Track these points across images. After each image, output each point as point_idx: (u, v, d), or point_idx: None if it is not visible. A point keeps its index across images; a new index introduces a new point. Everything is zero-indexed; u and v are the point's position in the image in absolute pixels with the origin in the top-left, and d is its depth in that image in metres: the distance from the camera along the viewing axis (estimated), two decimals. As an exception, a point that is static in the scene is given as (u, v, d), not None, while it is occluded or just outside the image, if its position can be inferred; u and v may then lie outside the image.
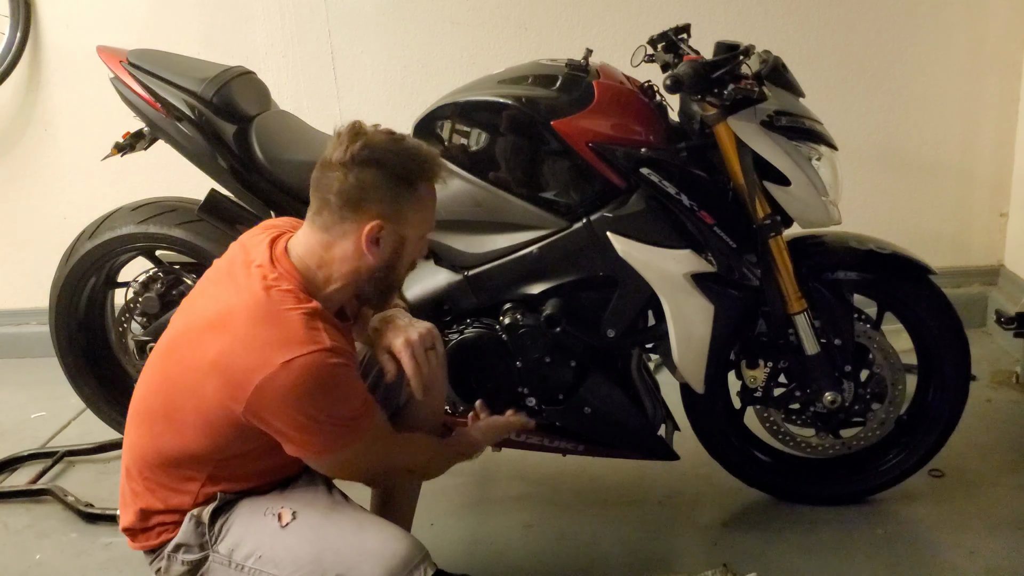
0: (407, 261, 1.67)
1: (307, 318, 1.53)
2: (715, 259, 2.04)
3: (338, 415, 1.54)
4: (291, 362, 1.48)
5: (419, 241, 1.67)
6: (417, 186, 1.60)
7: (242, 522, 1.64)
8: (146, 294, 2.46)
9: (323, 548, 1.58)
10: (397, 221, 1.59)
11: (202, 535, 1.64)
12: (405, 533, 1.64)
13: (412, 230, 1.63)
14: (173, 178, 2.72)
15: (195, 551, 1.65)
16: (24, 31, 3.26)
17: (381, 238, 1.59)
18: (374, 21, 3.21)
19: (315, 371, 1.49)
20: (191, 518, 1.65)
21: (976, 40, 3.12)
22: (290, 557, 1.59)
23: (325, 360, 1.50)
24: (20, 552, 2.34)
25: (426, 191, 1.62)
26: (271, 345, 1.49)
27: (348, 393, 1.55)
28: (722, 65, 1.91)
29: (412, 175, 1.59)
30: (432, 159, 1.62)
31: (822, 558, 2.13)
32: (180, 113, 2.26)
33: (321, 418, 1.52)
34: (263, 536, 1.62)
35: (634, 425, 2.18)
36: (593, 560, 2.18)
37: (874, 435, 2.23)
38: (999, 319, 2.82)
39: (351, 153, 1.54)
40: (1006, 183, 3.24)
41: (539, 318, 2.06)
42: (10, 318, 3.59)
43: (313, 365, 1.49)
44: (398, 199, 1.58)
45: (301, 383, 1.48)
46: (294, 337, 1.50)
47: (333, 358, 1.51)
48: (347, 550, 1.57)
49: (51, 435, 2.95)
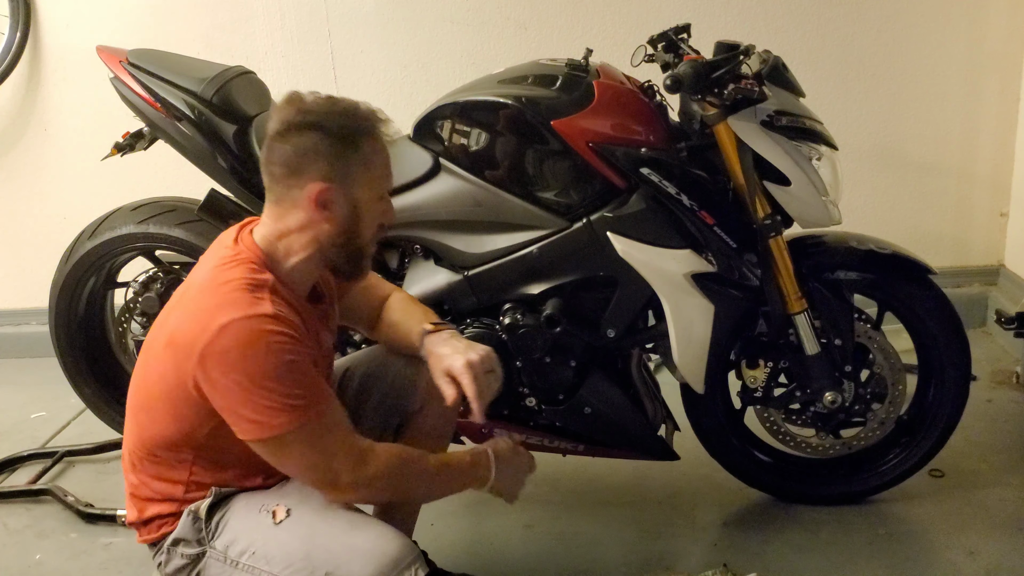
0: (368, 224, 1.61)
1: (251, 286, 1.52)
2: (715, 259, 2.04)
3: (273, 389, 1.46)
4: (228, 325, 1.46)
5: (377, 202, 1.60)
6: (360, 144, 1.55)
7: (238, 518, 1.64)
8: (146, 294, 2.46)
9: (314, 546, 1.57)
10: (344, 182, 1.55)
11: (199, 530, 1.64)
12: (397, 533, 1.60)
13: (363, 191, 1.57)
14: (173, 178, 2.72)
15: (193, 546, 1.65)
16: (24, 31, 3.26)
17: (331, 201, 1.55)
18: (374, 21, 3.21)
19: (249, 335, 1.46)
20: (189, 513, 1.65)
21: (976, 40, 3.12)
22: (282, 554, 1.58)
23: (262, 326, 1.46)
24: (20, 552, 2.34)
25: (371, 148, 1.56)
26: (212, 310, 1.48)
27: (286, 367, 1.48)
28: (722, 65, 1.91)
29: (352, 133, 1.54)
30: (371, 116, 1.57)
31: (822, 558, 2.13)
32: (180, 113, 2.26)
33: (252, 388, 1.46)
34: (257, 533, 1.61)
35: (634, 425, 2.18)
36: (593, 560, 2.18)
37: (874, 435, 2.23)
38: (999, 319, 2.82)
39: (286, 121, 1.53)
40: (1006, 183, 3.24)
41: (539, 318, 2.06)
42: (10, 318, 3.59)
43: (248, 329, 1.46)
44: (341, 159, 1.54)
45: (235, 347, 1.45)
46: (234, 301, 1.49)
47: (271, 324, 1.47)
48: (338, 548, 1.56)
49: (51, 435, 2.95)
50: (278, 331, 1.48)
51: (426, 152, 2.13)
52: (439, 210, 2.11)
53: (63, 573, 2.26)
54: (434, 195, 2.11)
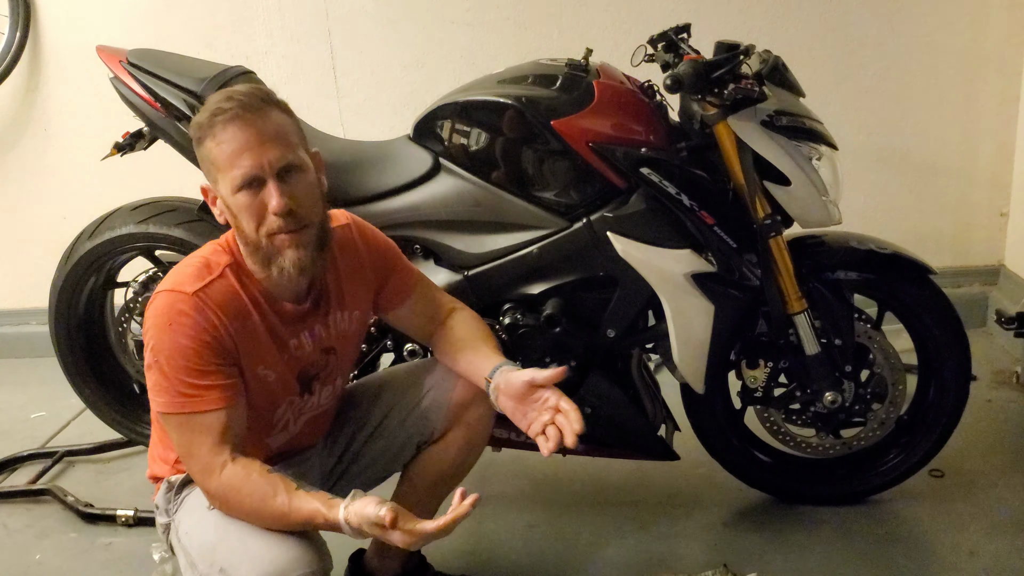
0: (245, 219, 1.53)
1: (202, 265, 1.57)
2: (715, 259, 2.04)
3: (163, 367, 1.52)
4: (159, 293, 1.55)
5: (237, 196, 1.52)
6: (203, 144, 1.53)
7: (193, 497, 1.64)
8: (146, 294, 2.46)
9: (222, 540, 1.55)
10: (211, 181, 1.57)
11: (168, 501, 1.68)
12: (301, 543, 1.50)
13: (223, 187, 1.54)
14: (173, 178, 2.72)
15: (163, 515, 1.70)
16: (24, 31, 3.26)
17: (214, 200, 1.59)
18: (374, 21, 3.21)
19: (162, 307, 1.53)
20: (167, 483, 1.68)
21: (976, 40, 3.11)
22: (199, 541, 1.59)
23: (174, 302, 1.52)
24: (20, 552, 2.34)
25: (213, 143, 1.51)
26: (163, 280, 1.58)
27: (178, 350, 1.50)
28: (722, 65, 1.91)
29: (195, 130, 1.54)
30: (216, 109, 1.50)
31: (822, 558, 2.13)
32: (180, 113, 2.26)
33: (151, 359, 1.53)
34: (195, 515, 1.62)
35: (634, 425, 2.18)
36: (593, 560, 2.18)
37: (874, 435, 2.23)
38: (999, 319, 2.82)
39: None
40: (1006, 183, 3.24)
41: (539, 318, 2.06)
42: (10, 318, 3.59)
43: (165, 302, 1.53)
44: (201, 163, 1.56)
45: (151, 315, 1.54)
46: (176, 274, 1.56)
47: (183, 304, 1.52)
48: (238, 547, 1.53)
49: (51, 435, 2.95)
50: (185, 311, 1.52)
51: (426, 152, 2.13)
52: (439, 210, 2.10)
53: (63, 573, 2.26)
54: (434, 195, 2.11)
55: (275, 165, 1.50)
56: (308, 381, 1.71)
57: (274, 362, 1.63)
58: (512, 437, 2.19)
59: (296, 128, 1.57)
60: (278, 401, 1.68)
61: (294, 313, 1.65)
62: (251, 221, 1.53)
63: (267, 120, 1.51)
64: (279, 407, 1.69)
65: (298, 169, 1.54)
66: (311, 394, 1.73)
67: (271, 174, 1.50)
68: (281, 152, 1.51)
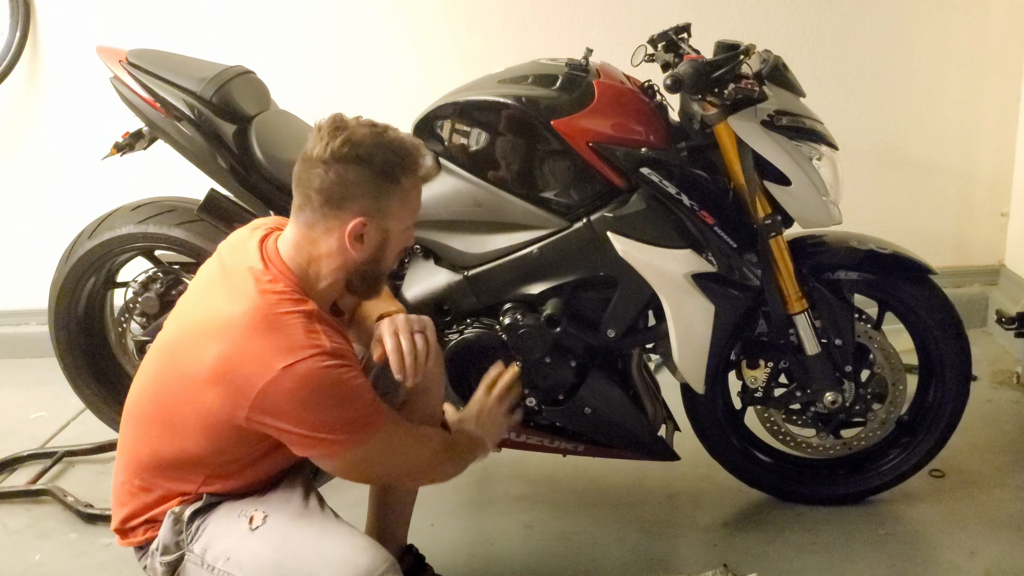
0: (393, 252, 1.65)
1: (305, 320, 1.52)
2: (715, 259, 2.04)
3: (345, 417, 1.53)
4: (292, 366, 1.47)
5: (404, 232, 1.65)
6: (400, 180, 1.57)
7: (217, 522, 1.63)
8: (145, 294, 2.46)
9: (286, 554, 1.56)
10: (380, 216, 1.57)
11: (179, 533, 1.64)
12: (371, 543, 1.59)
13: (396, 223, 1.60)
14: (173, 178, 2.72)
15: (172, 550, 1.64)
16: (24, 31, 3.26)
17: (365, 234, 1.57)
18: (374, 21, 3.21)
19: (317, 374, 1.49)
20: (171, 515, 1.64)
21: (976, 40, 3.12)
22: (254, 561, 1.57)
23: (326, 363, 1.49)
24: (20, 552, 2.34)
25: (410, 184, 1.59)
26: (271, 351, 1.48)
27: (352, 393, 1.54)
28: (722, 65, 1.91)
29: (395, 169, 1.56)
30: (414, 152, 1.59)
31: (822, 558, 2.13)
32: (180, 113, 2.26)
33: (327, 420, 1.51)
34: (233, 538, 1.60)
35: (634, 425, 2.17)
36: (593, 560, 2.18)
37: (875, 435, 2.23)
38: (999, 319, 2.82)
39: (331, 150, 1.52)
40: (1006, 183, 3.24)
41: (539, 318, 2.06)
42: (10, 318, 3.59)
43: (315, 369, 1.48)
44: (380, 194, 1.56)
45: (304, 387, 1.48)
46: (294, 342, 1.49)
47: (333, 360, 1.50)
48: (309, 557, 1.54)
49: (51, 435, 2.95)
50: (340, 364, 1.52)
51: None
52: (439, 210, 2.10)
53: (63, 573, 2.26)
54: (434, 195, 2.10)
55: None
56: None
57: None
58: (512, 437, 2.19)
59: None
60: None
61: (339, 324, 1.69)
62: (397, 249, 1.66)
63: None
64: None
65: None
66: None
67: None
68: None
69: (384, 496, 1.96)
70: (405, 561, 1.99)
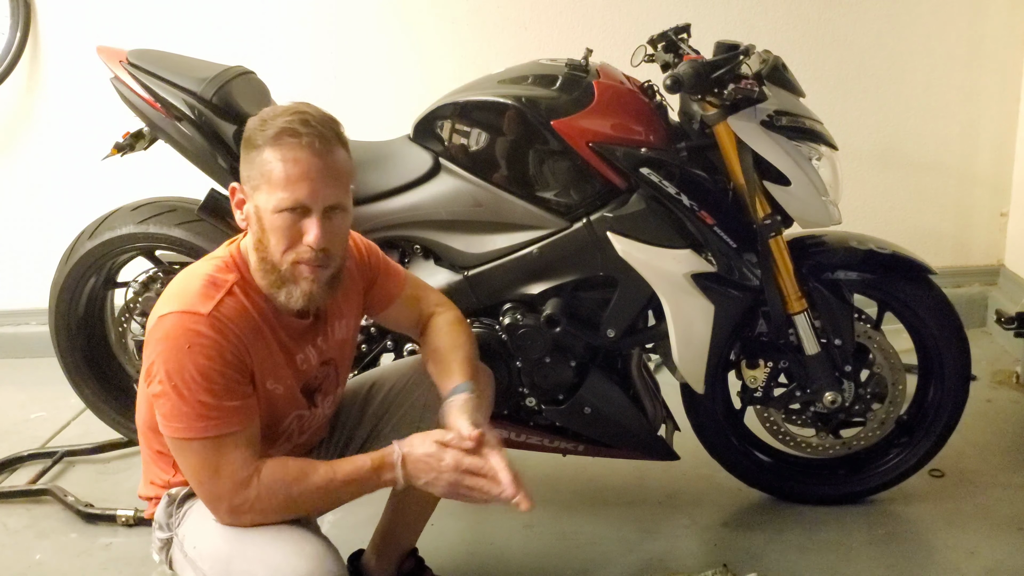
0: (275, 239, 1.51)
1: (208, 283, 1.52)
2: (715, 259, 2.04)
3: (182, 391, 1.46)
4: (166, 316, 1.48)
5: (275, 215, 1.50)
6: (262, 149, 1.50)
7: (198, 509, 1.61)
8: (146, 294, 2.46)
9: (237, 551, 1.53)
10: (247, 184, 1.54)
11: (170, 515, 1.65)
12: (320, 552, 1.50)
13: (262, 197, 1.51)
14: (173, 178, 2.72)
15: (164, 530, 1.66)
16: (24, 31, 3.26)
17: (242, 202, 1.56)
18: (374, 21, 3.21)
19: (176, 330, 1.46)
20: (167, 496, 1.65)
21: (976, 40, 3.12)
22: (212, 553, 1.56)
23: (190, 324, 1.46)
24: (20, 552, 2.34)
25: (274, 156, 1.49)
26: (164, 299, 1.52)
27: (200, 371, 1.46)
28: (722, 65, 1.91)
29: (257, 136, 1.51)
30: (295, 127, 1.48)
31: (822, 558, 2.13)
32: (180, 113, 2.26)
33: (167, 383, 1.46)
34: (203, 527, 1.58)
35: (634, 425, 2.18)
36: (593, 560, 2.18)
37: (874, 435, 2.23)
38: (999, 319, 2.82)
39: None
40: (1006, 183, 3.25)
41: (539, 318, 2.06)
42: (10, 318, 3.59)
43: (178, 324, 1.47)
44: (245, 161, 1.53)
45: (163, 338, 1.47)
46: (182, 293, 1.51)
47: (200, 325, 1.46)
48: (254, 557, 1.51)
49: (51, 435, 2.95)
50: (204, 333, 1.47)
51: (426, 152, 2.13)
52: (439, 210, 2.11)
53: (63, 573, 2.26)
54: (434, 195, 2.11)
55: (326, 202, 1.52)
56: (311, 394, 1.71)
57: (283, 376, 1.62)
58: (512, 437, 2.19)
59: (352, 169, 1.59)
60: (285, 414, 1.67)
61: (299, 327, 1.64)
62: (281, 243, 1.52)
63: (334, 158, 1.52)
64: (285, 419, 1.68)
65: (342, 210, 1.56)
66: (315, 407, 1.73)
67: (319, 209, 1.51)
68: (336, 192, 1.53)
69: (403, 495, 1.91)
70: (407, 563, 1.99)
